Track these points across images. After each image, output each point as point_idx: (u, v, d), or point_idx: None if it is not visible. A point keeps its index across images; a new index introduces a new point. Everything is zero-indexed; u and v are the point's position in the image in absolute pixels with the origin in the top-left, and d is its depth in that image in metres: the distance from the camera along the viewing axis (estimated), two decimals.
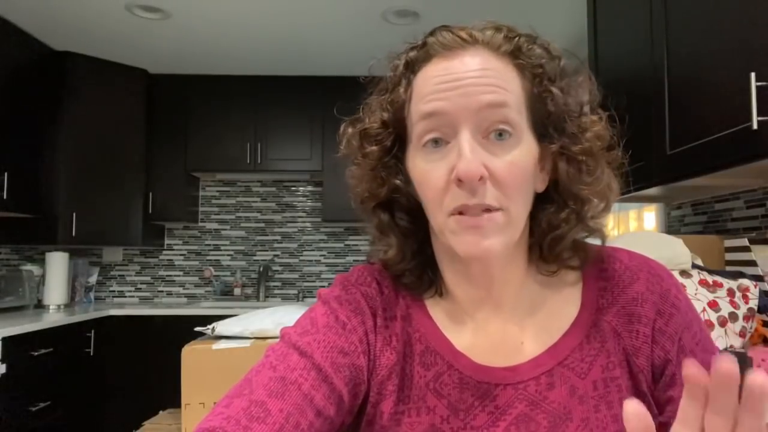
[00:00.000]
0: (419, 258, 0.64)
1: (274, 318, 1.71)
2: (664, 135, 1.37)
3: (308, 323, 0.62)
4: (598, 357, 0.59)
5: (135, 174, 3.52)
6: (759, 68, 1.02)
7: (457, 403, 0.59)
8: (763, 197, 1.55)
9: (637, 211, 2.59)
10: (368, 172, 0.62)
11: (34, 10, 2.82)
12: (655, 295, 0.60)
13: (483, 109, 0.54)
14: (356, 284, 0.65)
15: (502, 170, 0.54)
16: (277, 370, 0.56)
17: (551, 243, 0.60)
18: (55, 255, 3.28)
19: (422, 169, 0.57)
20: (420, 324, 0.63)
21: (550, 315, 0.62)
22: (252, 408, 0.53)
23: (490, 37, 0.57)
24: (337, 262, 4.01)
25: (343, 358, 0.59)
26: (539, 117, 0.58)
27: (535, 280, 0.63)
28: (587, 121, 0.60)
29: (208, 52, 3.38)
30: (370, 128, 0.62)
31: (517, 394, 0.58)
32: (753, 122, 1.02)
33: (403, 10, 2.82)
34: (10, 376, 2.37)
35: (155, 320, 3.26)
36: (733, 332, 1.22)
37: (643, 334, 0.59)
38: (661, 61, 1.39)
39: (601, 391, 0.58)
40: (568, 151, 0.58)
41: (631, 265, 0.63)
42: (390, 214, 0.64)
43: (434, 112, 0.55)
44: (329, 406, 0.56)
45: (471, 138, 0.54)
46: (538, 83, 0.58)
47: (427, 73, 0.57)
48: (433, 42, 0.58)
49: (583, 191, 0.59)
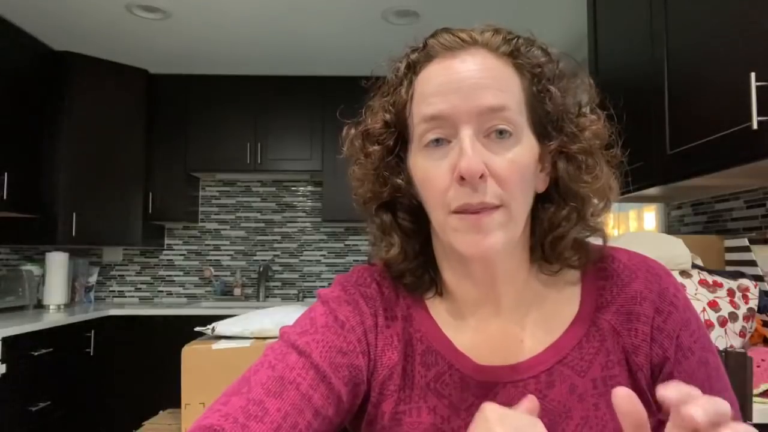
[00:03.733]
0: (421, 258, 0.65)
1: (274, 318, 1.71)
2: (664, 135, 1.37)
3: (307, 323, 0.62)
4: (597, 355, 0.59)
5: (135, 174, 3.52)
6: (759, 68, 1.03)
7: (458, 403, 0.59)
8: (763, 197, 1.55)
9: (637, 211, 2.59)
10: (371, 172, 0.63)
11: (34, 10, 2.82)
12: (653, 293, 0.60)
13: (483, 112, 0.55)
14: (356, 285, 0.66)
15: (503, 168, 0.54)
16: (276, 369, 0.57)
17: (553, 242, 0.60)
18: (55, 255, 3.28)
19: (424, 168, 0.58)
20: (421, 324, 0.64)
21: (550, 313, 0.62)
22: (250, 407, 0.53)
23: (490, 38, 0.58)
24: (337, 262, 4.01)
25: (341, 358, 0.59)
26: (538, 116, 0.58)
27: (537, 279, 0.63)
28: (586, 121, 0.60)
29: (208, 52, 3.38)
30: (372, 129, 0.63)
31: (517, 392, 0.58)
32: (753, 122, 1.02)
33: (403, 10, 2.82)
34: (10, 376, 2.37)
35: (155, 320, 3.26)
36: (733, 332, 1.22)
37: (642, 333, 0.59)
38: (661, 61, 1.39)
39: (601, 389, 0.58)
40: (567, 150, 0.59)
41: (629, 264, 0.63)
42: (392, 214, 0.64)
43: (435, 114, 0.56)
44: (327, 405, 0.56)
45: (472, 136, 0.54)
46: (537, 83, 0.58)
47: (428, 74, 0.58)
48: (433, 43, 0.59)
49: (582, 189, 0.59)
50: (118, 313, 3.27)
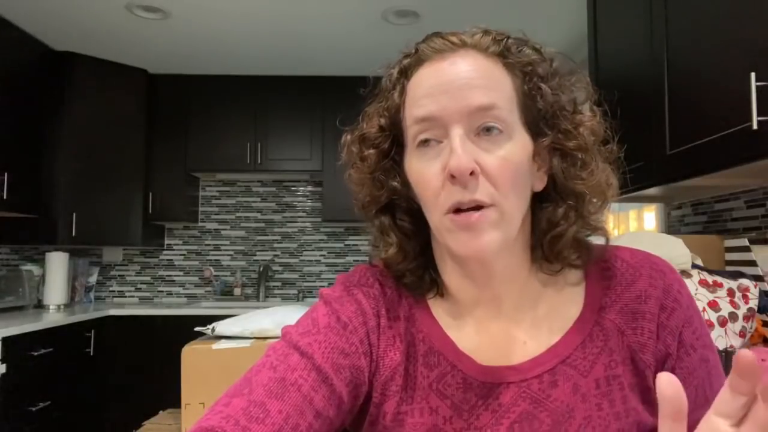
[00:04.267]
0: (420, 259, 0.65)
1: (274, 318, 1.71)
2: (664, 135, 1.37)
3: (309, 323, 0.62)
4: (600, 355, 0.59)
5: (135, 174, 3.52)
6: (759, 68, 1.02)
7: (461, 404, 0.59)
8: (763, 197, 1.55)
9: (637, 211, 2.59)
10: (367, 176, 0.64)
11: (34, 10, 2.82)
12: (658, 290, 0.60)
13: (473, 111, 0.55)
14: (358, 285, 0.66)
15: (494, 165, 0.55)
16: (278, 370, 0.57)
17: (552, 241, 0.60)
18: (55, 255, 3.28)
19: (418, 170, 0.59)
20: (423, 324, 0.64)
21: (553, 314, 0.62)
22: (251, 408, 0.53)
23: (479, 40, 0.59)
24: (337, 262, 4.01)
25: (343, 359, 0.59)
26: (531, 114, 0.59)
27: (537, 280, 0.63)
28: (581, 118, 0.60)
29: (208, 52, 3.38)
30: (368, 133, 0.64)
31: (520, 393, 0.58)
32: (753, 122, 1.02)
33: (403, 10, 2.82)
34: (10, 376, 2.37)
35: (155, 320, 3.26)
36: (733, 332, 1.22)
37: (649, 330, 0.59)
38: (661, 61, 1.39)
39: (604, 389, 0.58)
40: (562, 147, 0.59)
41: (633, 262, 0.63)
42: (391, 216, 0.65)
43: (426, 117, 0.57)
44: (329, 407, 0.56)
45: (462, 135, 0.55)
46: (528, 81, 0.59)
47: (419, 77, 0.60)
48: (424, 48, 0.60)
49: (578, 186, 0.59)
50: (118, 313, 3.26)
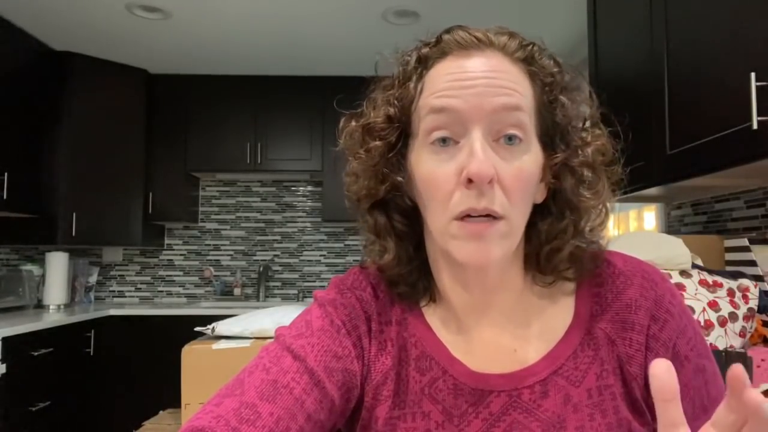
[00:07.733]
0: (414, 262, 0.63)
1: (274, 318, 1.71)
2: (664, 135, 1.37)
3: (303, 325, 0.61)
4: (592, 365, 0.58)
5: (135, 174, 3.52)
6: (759, 68, 1.02)
7: (452, 409, 0.59)
8: (763, 197, 1.55)
9: (637, 211, 2.59)
10: (369, 168, 0.61)
11: (34, 10, 2.82)
12: (648, 301, 0.59)
13: (497, 110, 0.53)
14: (351, 288, 0.65)
15: (510, 176, 0.53)
16: (270, 372, 0.56)
17: (549, 254, 0.60)
18: (55, 255, 3.28)
19: (429, 168, 0.56)
20: (416, 329, 0.63)
21: (545, 323, 0.61)
22: (242, 410, 0.53)
23: (506, 42, 0.57)
24: (337, 262, 4.01)
25: (336, 363, 0.58)
26: (546, 126, 0.58)
27: (531, 290, 0.63)
28: (590, 135, 0.60)
29: (208, 52, 3.38)
30: (374, 123, 0.60)
31: (511, 402, 0.58)
32: (753, 122, 1.02)
33: (403, 10, 2.82)
34: (10, 376, 2.37)
35: (155, 320, 3.26)
36: (733, 332, 1.22)
37: (637, 342, 0.58)
38: (661, 61, 1.39)
39: (596, 399, 0.57)
40: (570, 163, 0.58)
41: (625, 269, 0.62)
42: (386, 215, 0.63)
43: (446, 107, 0.54)
44: (320, 410, 0.56)
45: (482, 139, 0.53)
46: (549, 92, 0.57)
47: (440, 70, 0.57)
48: (448, 39, 0.57)
49: (582, 203, 0.59)
50: (118, 313, 3.26)
